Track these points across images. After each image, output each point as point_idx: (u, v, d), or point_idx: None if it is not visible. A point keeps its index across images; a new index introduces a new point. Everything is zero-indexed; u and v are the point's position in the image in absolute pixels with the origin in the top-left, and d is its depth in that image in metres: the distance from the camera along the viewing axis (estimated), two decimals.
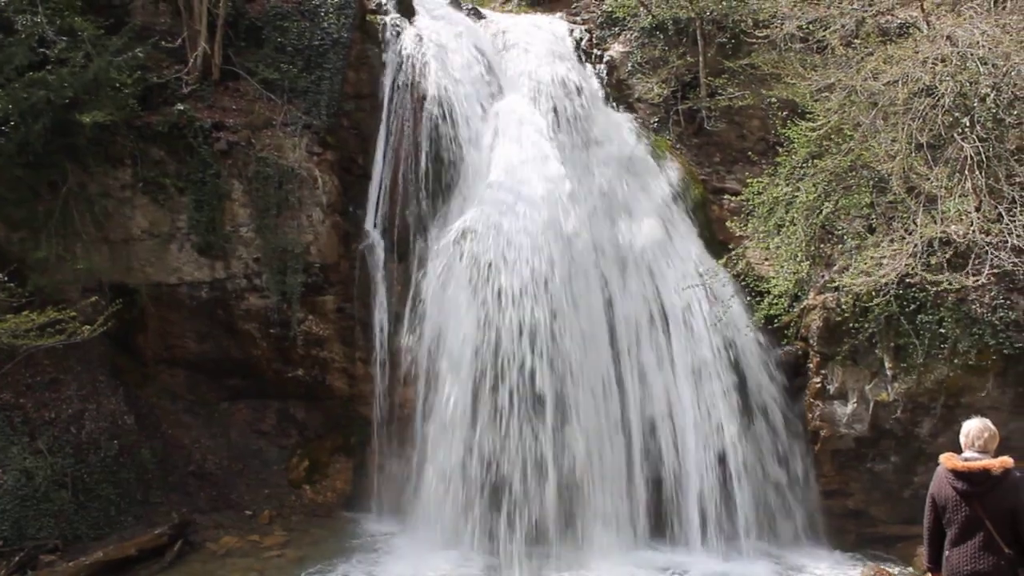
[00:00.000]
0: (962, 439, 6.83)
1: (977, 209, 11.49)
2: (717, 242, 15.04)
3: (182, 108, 13.82)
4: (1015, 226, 11.16)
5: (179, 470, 13.83)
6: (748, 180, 14.27)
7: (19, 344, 11.64)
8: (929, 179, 11.79)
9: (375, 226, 14.67)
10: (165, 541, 12.32)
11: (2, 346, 11.63)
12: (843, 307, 12.52)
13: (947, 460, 6.71)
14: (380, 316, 14.27)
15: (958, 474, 6.58)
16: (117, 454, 12.87)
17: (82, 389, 13.13)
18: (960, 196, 11.61)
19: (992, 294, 11.90)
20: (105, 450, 12.75)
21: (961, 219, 11.53)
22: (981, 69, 11.78)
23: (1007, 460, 6.52)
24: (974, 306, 11.93)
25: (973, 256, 11.50)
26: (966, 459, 6.62)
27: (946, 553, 6.73)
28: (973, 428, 6.78)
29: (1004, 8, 12.96)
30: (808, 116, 13.26)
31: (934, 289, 11.74)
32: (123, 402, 13.51)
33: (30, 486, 11.87)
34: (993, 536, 6.41)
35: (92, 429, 12.80)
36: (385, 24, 15.78)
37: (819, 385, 13.24)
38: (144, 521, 12.66)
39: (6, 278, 11.85)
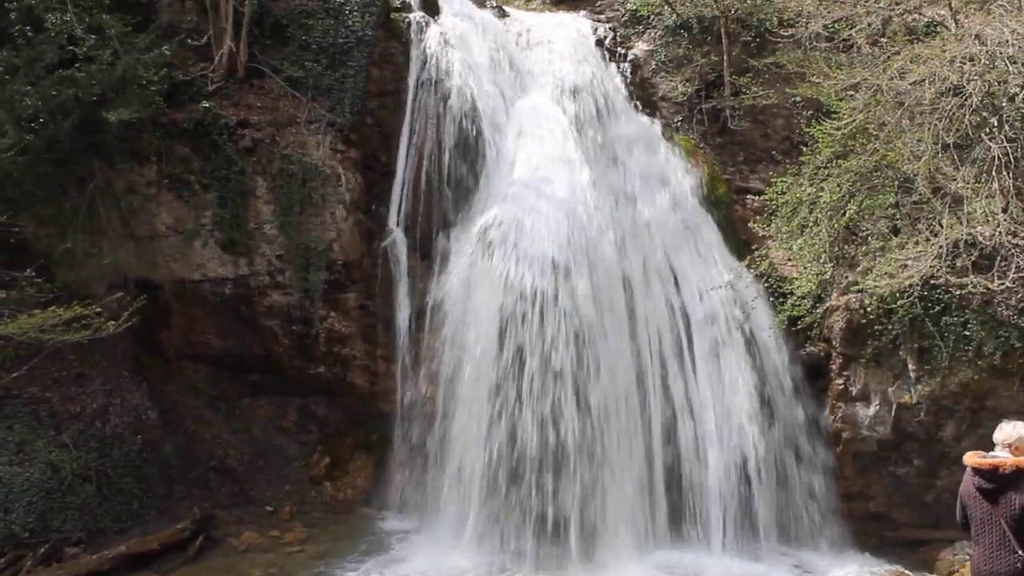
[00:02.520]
0: (994, 437, 6.86)
1: (1004, 210, 11.35)
2: (740, 242, 14.96)
3: (207, 105, 13.91)
4: None
5: (201, 465, 13.94)
6: (772, 179, 14.19)
7: (46, 339, 11.73)
8: (955, 180, 11.66)
9: (398, 224, 14.71)
10: (187, 536, 12.40)
11: (29, 340, 11.73)
12: (867, 308, 12.41)
13: (970, 457, 6.75)
14: (402, 314, 14.30)
15: (976, 470, 6.61)
16: (140, 448, 13.00)
17: (107, 384, 13.26)
18: (987, 197, 11.47)
19: (1019, 296, 11.74)
20: (129, 444, 12.89)
21: (988, 221, 11.39)
22: (1010, 68, 11.63)
23: (1021, 460, 6.49)
24: (1000, 308, 11.79)
25: (999, 258, 11.36)
26: (983, 456, 6.65)
27: (970, 551, 6.75)
28: (1005, 427, 6.89)
29: None
30: (833, 115, 13.14)
31: (959, 291, 11.60)
32: (147, 397, 13.64)
33: (55, 479, 12.01)
34: (1007, 535, 6.41)
35: (116, 423, 12.93)
36: (409, 22, 15.80)
37: (841, 387, 13.14)
38: (166, 515, 12.78)
39: (33, 273, 11.96)
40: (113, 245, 13.65)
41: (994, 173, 11.33)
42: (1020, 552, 6.37)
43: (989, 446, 12.15)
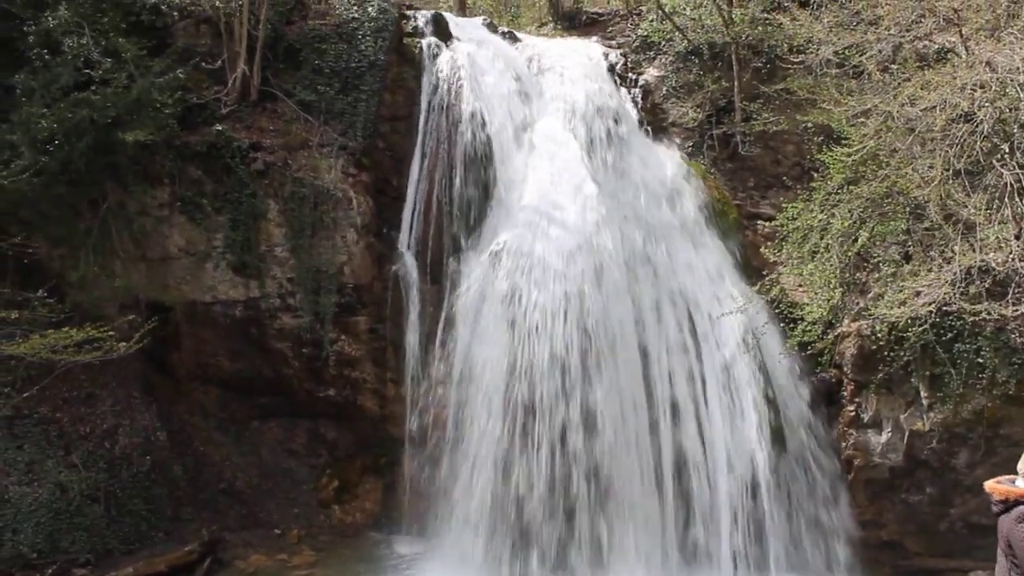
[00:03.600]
0: (1019, 466, 6.74)
1: (1017, 237, 11.30)
2: (751, 267, 14.94)
3: (220, 128, 14.03)
4: None
5: (210, 487, 13.92)
6: (783, 205, 14.15)
7: (57, 359, 11.78)
8: (967, 206, 11.62)
9: (408, 248, 14.74)
10: (195, 558, 12.40)
11: (40, 361, 11.78)
12: (878, 335, 12.37)
13: (988, 482, 6.63)
14: (412, 338, 14.29)
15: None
16: (149, 470, 13.00)
17: (116, 405, 13.27)
18: (999, 224, 11.42)
19: None
20: (137, 465, 12.89)
21: (1000, 247, 11.33)
22: (1021, 95, 11.60)
23: (1018, 490, 6.40)
24: (1013, 335, 11.73)
25: (1013, 285, 11.30)
26: (998, 481, 6.56)
27: None
28: None
29: None
30: (844, 142, 13.13)
31: (972, 318, 11.53)
32: (156, 418, 13.66)
33: (64, 500, 12.00)
34: (1004, 564, 6.35)
35: (125, 444, 12.94)
36: (422, 47, 15.92)
37: (853, 413, 13.07)
38: (174, 537, 12.75)
39: (45, 294, 12.02)
40: (125, 266, 13.73)
41: (1006, 200, 11.29)
42: None
43: (1003, 474, 12.08)
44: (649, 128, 16.48)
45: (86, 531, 12.06)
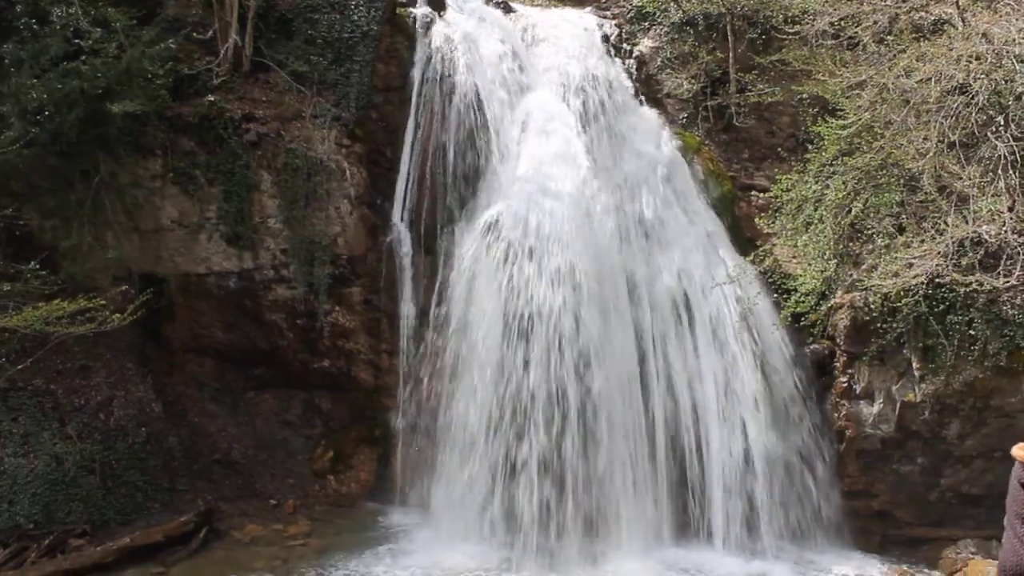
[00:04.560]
0: None
1: (1010, 209, 11.34)
2: (744, 239, 14.95)
3: (212, 99, 13.92)
4: None
5: (205, 458, 13.97)
6: (777, 177, 14.17)
7: (50, 331, 11.78)
8: (961, 178, 11.64)
9: (402, 219, 14.71)
10: (191, 528, 12.45)
11: (34, 333, 11.78)
12: (871, 306, 12.41)
13: (1016, 448, 6.44)
14: (406, 308, 14.32)
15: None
16: (144, 441, 13.04)
17: (111, 376, 13.30)
18: (993, 196, 11.45)
19: None
20: (133, 437, 12.93)
21: (993, 219, 11.38)
22: (1017, 67, 11.60)
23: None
24: (1005, 307, 11.79)
25: (1005, 257, 11.35)
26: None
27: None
28: None
29: None
30: (839, 113, 13.13)
31: (964, 290, 11.59)
32: (151, 390, 13.68)
33: (59, 471, 12.06)
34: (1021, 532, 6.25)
35: (120, 416, 12.97)
36: (415, 17, 15.78)
37: (845, 385, 13.14)
38: (170, 508, 12.81)
39: (38, 266, 11.99)
40: (118, 238, 13.67)
41: (1000, 172, 11.31)
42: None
43: (994, 445, 12.21)
44: (643, 99, 16.41)
45: (82, 502, 12.12)
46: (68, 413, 12.62)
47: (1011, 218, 11.23)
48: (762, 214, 14.43)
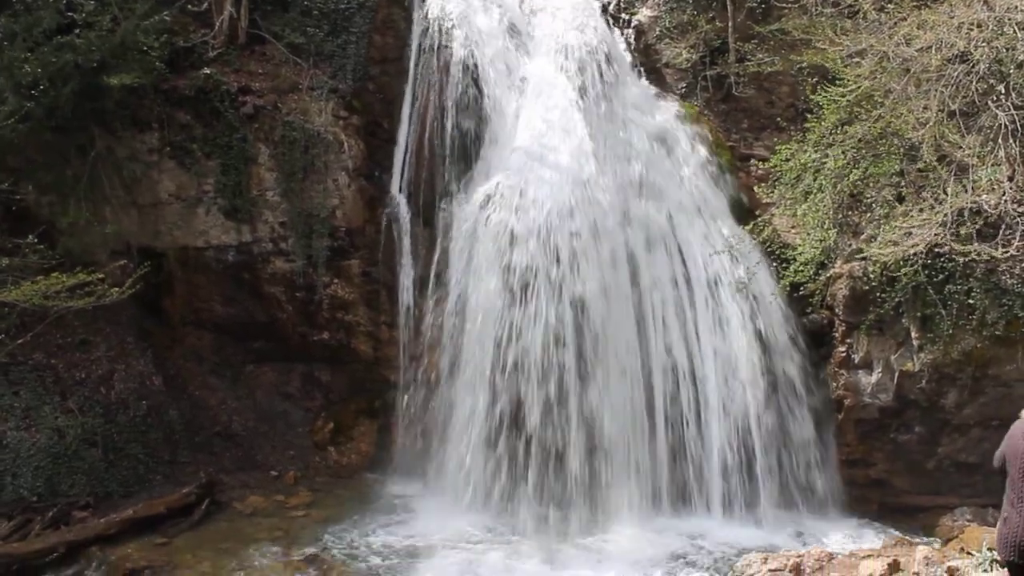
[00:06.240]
0: None
1: (1010, 179, 11.30)
2: (744, 208, 14.91)
3: (209, 72, 13.85)
4: None
5: (205, 431, 14.04)
6: (776, 146, 14.11)
7: (49, 305, 11.77)
8: (961, 147, 11.59)
9: (400, 191, 14.68)
10: (193, 500, 12.52)
11: (33, 307, 11.77)
12: (870, 276, 12.39)
13: None
14: (405, 280, 14.34)
15: None
16: (145, 414, 13.12)
17: (111, 350, 13.35)
18: (993, 165, 11.41)
19: (1023, 265, 11.71)
20: (134, 410, 13.00)
21: (993, 189, 11.34)
22: (1018, 35, 11.52)
23: None
24: (1004, 277, 11.75)
25: (1004, 226, 11.33)
26: None
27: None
28: None
29: None
30: (838, 82, 13.03)
31: (963, 259, 11.57)
32: (151, 363, 13.73)
33: (61, 444, 12.13)
34: None
35: (121, 389, 13.03)
36: None
37: (844, 354, 13.16)
38: (172, 480, 12.90)
39: (36, 240, 11.98)
40: (116, 212, 13.67)
41: (1000, 141, 11.27)
42: None
43: (991, 414, 12.24)
44: (642, 69, 16.32)
45: (85, 475, 12.21)
46: (69, 387, 12.68)
47: (1011, 188, 11.20)
48: (761, 184, 14.38)
